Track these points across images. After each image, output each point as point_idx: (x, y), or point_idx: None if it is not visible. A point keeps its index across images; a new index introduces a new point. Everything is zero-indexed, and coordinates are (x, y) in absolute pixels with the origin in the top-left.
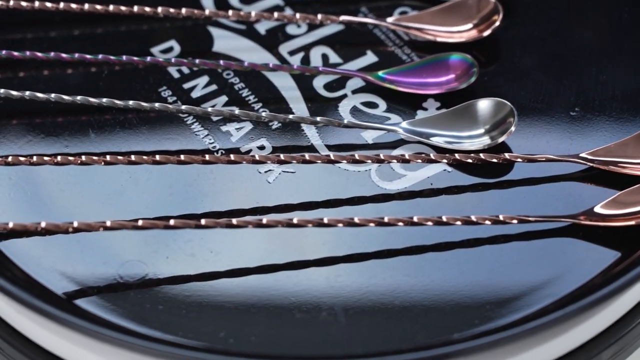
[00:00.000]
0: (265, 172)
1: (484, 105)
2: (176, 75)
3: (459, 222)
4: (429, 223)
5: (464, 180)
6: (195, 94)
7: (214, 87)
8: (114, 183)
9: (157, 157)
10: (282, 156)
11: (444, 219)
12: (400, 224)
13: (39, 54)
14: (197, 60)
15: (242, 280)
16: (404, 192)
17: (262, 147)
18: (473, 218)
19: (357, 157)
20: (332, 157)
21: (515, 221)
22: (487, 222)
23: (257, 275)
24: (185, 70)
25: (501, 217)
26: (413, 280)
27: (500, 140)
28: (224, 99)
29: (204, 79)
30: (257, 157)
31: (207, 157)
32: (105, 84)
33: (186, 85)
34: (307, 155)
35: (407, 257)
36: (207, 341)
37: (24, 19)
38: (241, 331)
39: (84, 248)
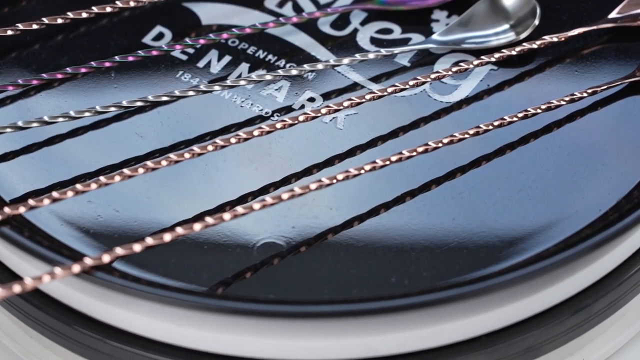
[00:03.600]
0: (330, 120)
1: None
2: (183, 57)
3: (543, 106)
4: (519, 115)
5: (512, 74)
6: (214, 70)
7: (228, 58)
8: (195, 174)
9: (242, 133)
10: (353, 97)
11: (530, 110)
12: (496, 123)
13: (59, 74)
14: (211, 35)
15: (377, 225)
16: (465, 100)
17: (312, 99)
18: (554, 102)
19: (419, 78)
20: (398, 86)
21: (589, 91)
22: (563, 101)
23: (387, 216)
24: (189, 50)
25: (577, 94)
26: (533, 175)
27: (526, 34)
28: (245, 66)
29: (214, 53)
30: (332, 106)
31: (287, 120)
32: (120, 86)
33: (200, 64)
34: (375, 90)
35: (510, 157)
36: (385, 289)
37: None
38: (409, 271)
39: (209, 244)
